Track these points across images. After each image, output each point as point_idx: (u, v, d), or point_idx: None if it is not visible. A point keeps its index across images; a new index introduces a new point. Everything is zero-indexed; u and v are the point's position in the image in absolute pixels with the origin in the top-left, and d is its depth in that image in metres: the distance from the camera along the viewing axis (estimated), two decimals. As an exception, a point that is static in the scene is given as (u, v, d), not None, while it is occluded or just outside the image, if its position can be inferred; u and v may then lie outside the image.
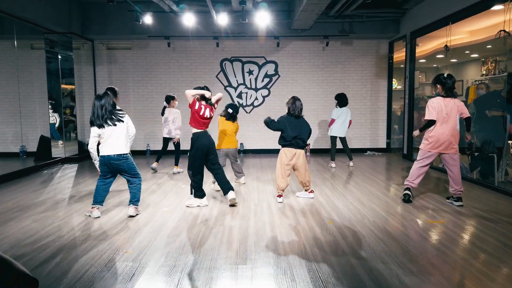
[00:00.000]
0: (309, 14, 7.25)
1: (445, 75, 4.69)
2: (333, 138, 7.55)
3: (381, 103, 9.52)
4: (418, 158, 4.73)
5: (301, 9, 6.94)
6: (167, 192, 5.38)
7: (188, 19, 7.52)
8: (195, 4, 8.08)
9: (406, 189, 4.79)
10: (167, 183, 6.00)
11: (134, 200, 4.26)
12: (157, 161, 7.12)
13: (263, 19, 7.40)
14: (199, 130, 4.54)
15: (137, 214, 4.25)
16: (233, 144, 5.76)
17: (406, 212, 4.34)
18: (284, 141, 4.86)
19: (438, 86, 4.66)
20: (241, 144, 9.16)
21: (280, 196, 4.85)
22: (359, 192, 5.34)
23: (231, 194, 4.60)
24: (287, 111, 4.94)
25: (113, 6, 7.94)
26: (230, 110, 5.68)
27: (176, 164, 6.98)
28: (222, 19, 7.52)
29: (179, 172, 6.87)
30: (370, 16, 8.51)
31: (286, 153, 4.82)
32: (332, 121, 7.50)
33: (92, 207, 4.22)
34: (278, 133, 5.04)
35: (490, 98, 6.53)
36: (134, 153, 9.50)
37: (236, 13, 8.12)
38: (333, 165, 7.49)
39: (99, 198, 4.22)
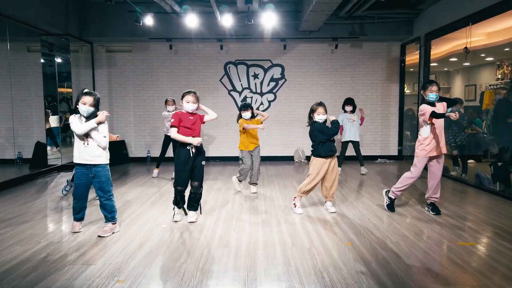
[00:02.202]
0: (319, 14, 6.85)
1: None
2: (345, 144, 7.17)
3: (393, 108, 9.09)
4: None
5: (311, 9, 6.55)
6: (168, 205, 4.96)
7: (191, 20, 7.14)
8: (198, 5, 7.70)
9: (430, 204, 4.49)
10: (169, 193, 5.58)
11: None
12: (157, 167, 6.79)
13: (269, 20, 7.00)
14: None
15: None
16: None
17: (431, 231, 3.90)
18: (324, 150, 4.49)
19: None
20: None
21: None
22: (375, 206, 4.91)
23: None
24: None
25: (112, 7, 7.59)
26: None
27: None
28: (226, 20, 7.13)
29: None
30: (382, 17, 8.10)
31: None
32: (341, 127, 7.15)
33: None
34: (287, 140, 4.66)
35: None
36: (134, 160, 9.18)
37: (241, 14, 7.73)
38: (339, 171, 7.12)
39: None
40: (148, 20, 7.22)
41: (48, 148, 8.01)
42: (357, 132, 7.13)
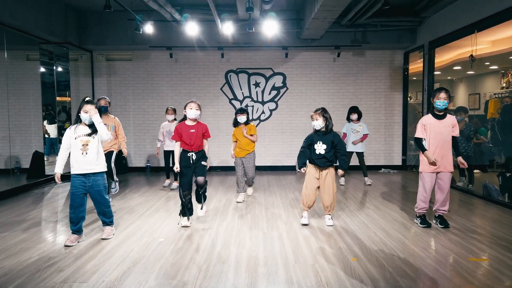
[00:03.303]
0: (321, 22, 6.74)
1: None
2: (349, 154, 7.01)
3: (396, 117, 8.94)
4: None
5: (313, 17, 6.45)
6: (166, 216, 4.80)
7: (191, 28, 7.04)
8: (198, 13, 7.62)
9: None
10: (167, 205, 5.42)
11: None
12: (175, 179, 6.78)
13: (270, 28, 6.90)
14: None
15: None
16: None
17: (440, 246, 3.73)
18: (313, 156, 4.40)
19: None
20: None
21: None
22: (381, 218, 4.74)
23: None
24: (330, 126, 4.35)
25: (112, 15, 7.54)
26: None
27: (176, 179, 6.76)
28: (227, 28, 7.03)
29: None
30: (385, 25, 8.00)
31: None
32: (344, 135, 7.09)
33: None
34: (288, 150, 4.59)
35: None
36: (134, 169, 9.03)
37: (242, 22, 7.64)
38: (342, 181, 7.10)
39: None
40: (148, 28, 7.13)
41: (45, 157, 7.87)
42: (363, 143, 7.02)
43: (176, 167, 4.37)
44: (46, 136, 8.16)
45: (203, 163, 4.40)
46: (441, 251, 3.60)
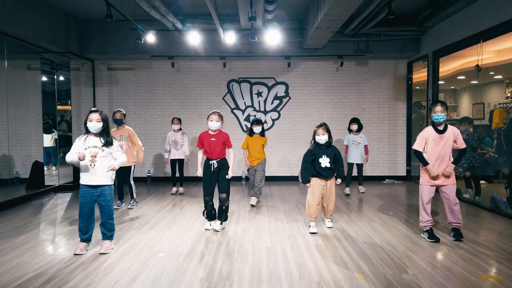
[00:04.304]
0: (324, 31, 6.68)
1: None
2: (350, 165, 7.10)
3: (400, 127, 8.84)
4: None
5: (316, 26, 6.39)
6: (167, 229, 4.68)
7: (193, 38, 6.99)
8: (200, 22, 7.58)
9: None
10: (168, 216, 5.31)
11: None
12: (180, 185, 7.18)
13: (273, 37, 6.84)
14: None
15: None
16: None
17: (449, 262, 3.60)
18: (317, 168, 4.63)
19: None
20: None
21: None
22: (387, 232, 4.61)
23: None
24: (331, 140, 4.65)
25: (114, 24, 7.51)
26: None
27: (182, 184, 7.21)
28: (229, 37, 6.98)
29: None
30: (388, 35, 7.94)
31: None
32: (346, 147, 7.19)
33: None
34: (291, 160, 4.65)
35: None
36: (135, 179, 8.87)
37: (244, 32, 7.60)
38: (348, 191, 7.11)
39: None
40: (150, 38, 7.08)
41: (45, 167, 7.77)
42: (363, 154, 7.07)
43: (199, 173, 4.61)
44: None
45: (227, 177, 4.58)
46: (450, 267, 3.47)
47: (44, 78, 7.84)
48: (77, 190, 7.62)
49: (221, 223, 4.70)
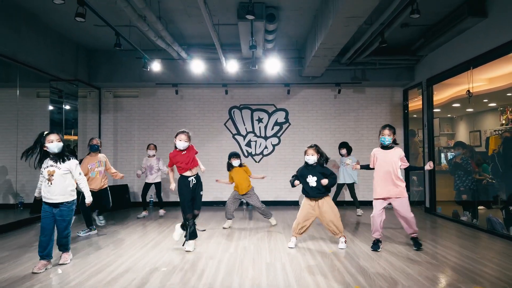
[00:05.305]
0: (321, 60, 7.01)
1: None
2: (339, 186, 7.55)
3: (398, 153, 9.00)
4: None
5: (313, 55, 6.72)
6: (167, 250, 4.77)
7: (197, 66, 7.34)
8: (203, 51, 7.95)
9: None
10: (168, 237, 5.40)
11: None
12: (145, 209, 7.49)
13: (273, 66, 7.19)
14: None
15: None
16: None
17: (449, 278, 3.68)
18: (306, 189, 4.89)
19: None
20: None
21: None
22: (384, 250, 4.69)
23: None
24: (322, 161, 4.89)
25: (121, 53, 7.87)
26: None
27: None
28: (231, 66, 7.32)
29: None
30: (383, 63, 8.28)
31: None
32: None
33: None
34: (289, 184, 4.96)
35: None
36: (138, 204, 9.01)
37: (245, 60, 7.95)
38: (359, 212, 7.45)
39: None
40: (155, 66, 7.42)
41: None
42: (353, 175, 7.45)
43: (172, 186, 4.75)
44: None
45: (201, 193, 4.77)
46: (450, 283, 3.55)
47: (52, 107, 8.12)
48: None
49: (193, 242, 4.70)
